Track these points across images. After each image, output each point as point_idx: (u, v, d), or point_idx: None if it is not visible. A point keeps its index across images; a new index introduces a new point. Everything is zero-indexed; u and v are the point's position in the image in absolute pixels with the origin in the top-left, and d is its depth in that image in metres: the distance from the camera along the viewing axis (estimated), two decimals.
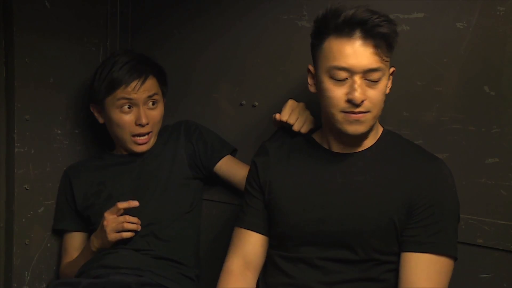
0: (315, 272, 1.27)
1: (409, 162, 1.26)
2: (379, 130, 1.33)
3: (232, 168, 1.70)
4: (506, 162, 1.35)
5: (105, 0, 1.90)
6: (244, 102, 1.72)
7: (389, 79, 1.26)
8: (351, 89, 1.18)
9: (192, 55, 1.82)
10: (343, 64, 1.17)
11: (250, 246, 1.36)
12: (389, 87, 1.27)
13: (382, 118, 1.45)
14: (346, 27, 1.17)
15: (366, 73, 1.18)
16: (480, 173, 1.38)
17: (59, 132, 1.79)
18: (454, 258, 1.24)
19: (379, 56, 1.18)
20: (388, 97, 1.44)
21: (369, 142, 1.30)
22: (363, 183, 1.26)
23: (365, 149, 1.30)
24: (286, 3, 1.62)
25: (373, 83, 1.19)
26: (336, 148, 1.31)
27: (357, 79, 1.17)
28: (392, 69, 1.27)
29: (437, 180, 1.24)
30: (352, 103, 1.18)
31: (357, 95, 1.17)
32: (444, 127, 1.42)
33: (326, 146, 1.34)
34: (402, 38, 1.44)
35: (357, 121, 1.20)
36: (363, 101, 1.18)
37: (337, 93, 1.19)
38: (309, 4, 1.57)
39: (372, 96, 1.19)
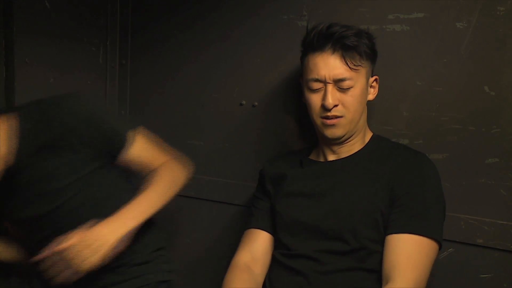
0: (311, 263, 1.30)
1: (393, 157, 1.33)
2: (367, 135, 1.41)
3: None
4: (506, 162, 1.35)
5: (105, 0, 1.90)
6: (244, 102, 1.72)
7: (370, 87, 1.36)
8: (324, 96, 1.31)
9: (192, 55, 1.82)
10: (315, 75, 1.31)
11: (258, 243, 1.42)
12: (374, 94, 1.38)
13: (383, 118, 1.46)
14: (318, 42, 1.30)
15: (337, 81, 1.29)
16: (480, 173, 1.38)
17: None
18: (437, 242, 1.25)
19: (348, 65, 1.28)
20: (388, 97, 1.45)
21: (357, 147, 1.39)
22: (353, 181, 1.32)
23: (354, 153, 1.38)
24: (286, 3, 1.62)
25: (345, 89, 1.29)
26: (331, 157, 1.40)
27: (329, 87, 1.30)
28: (374, 77, 1.37)
29: (416, 168, 1.30)
30: (324, 108, 1.31)
31: (329, 101, 1.29)
32: (444, 127, 1.42)
33: (322, 160, 1.42)
34: (402, 38, 1.44)
35: (332, 126, 1.32)
36: (335, 106, 1.30)
37: (314, 100, 1.33)
38: (309, 4, 1.58)
39: (345, 101, 1.30)
